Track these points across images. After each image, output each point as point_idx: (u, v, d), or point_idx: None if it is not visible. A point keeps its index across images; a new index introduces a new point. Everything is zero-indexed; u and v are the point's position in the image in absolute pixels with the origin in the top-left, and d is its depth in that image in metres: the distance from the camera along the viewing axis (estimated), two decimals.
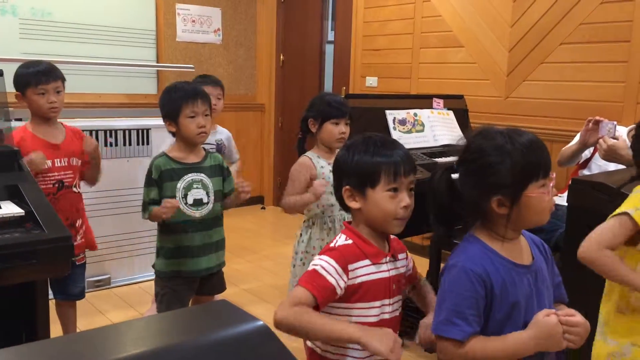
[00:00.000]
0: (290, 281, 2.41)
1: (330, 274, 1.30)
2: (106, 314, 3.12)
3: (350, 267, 1.33)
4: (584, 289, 1.68)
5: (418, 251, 4.19)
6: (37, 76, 2.30)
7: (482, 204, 1.26)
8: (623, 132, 2.61)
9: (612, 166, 2.54)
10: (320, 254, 1.37)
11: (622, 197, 1.65)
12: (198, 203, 2.18)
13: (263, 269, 3.95)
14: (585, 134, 2.64)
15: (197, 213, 2.17)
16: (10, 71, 2.33)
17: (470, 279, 1.23)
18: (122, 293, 3.42)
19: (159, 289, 2.23)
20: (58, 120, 2.49)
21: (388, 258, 1.40)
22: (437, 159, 2.90)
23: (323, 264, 1.31)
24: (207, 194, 2.21)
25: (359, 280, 1.34)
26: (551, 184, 1.26)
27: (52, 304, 2.50)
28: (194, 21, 5.11)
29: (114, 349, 0.68)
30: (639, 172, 1.71)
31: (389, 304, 1.40)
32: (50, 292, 2.49)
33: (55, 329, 2.50)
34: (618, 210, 1.56)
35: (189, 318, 0.80)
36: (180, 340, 0.69)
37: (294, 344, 1.43)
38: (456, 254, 1.30)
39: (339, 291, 1.31)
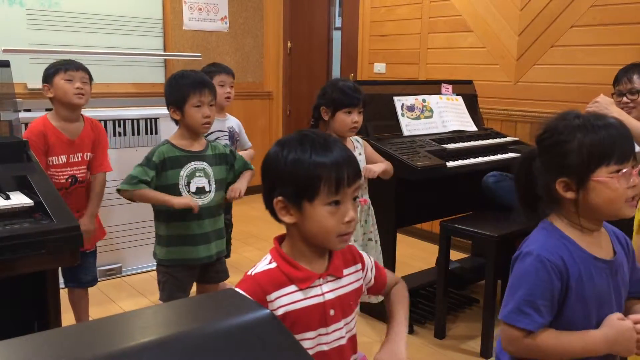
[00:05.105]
0: None
1: None
2: (118, 302, 3.14)
3: (270, 297, 1.15)
4: None
5: (427, 237, 4.18)
6: (66, 65, 2.44)
7: (551, 187, 1.19)
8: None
9: None
10: (237, 284, 1.19)
11: None
12: (200, 191, 2.19)
13: None
14: None
15: (200, 201, 2.18)
16: (18, 61, 2.34)
17: (546, 269, 1.16)
18: (133, 281, 3.45)
19: (160, 276, 2.26)
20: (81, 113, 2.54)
21: (322, 279, 1.19)
22: (446, 145, 2.88)
23: None
24: (209, 182, 2.21)
25: (282, 310, 1.14)
26: (634, 173, 1.15)
27: (64, 292, 2.53)
28: (200, 9, 5.09)
29: (123, 338, 0.68)
30: None
31: (326, 334, 1.19)
32: (62, 280, 2.54)
33: (68, 318, 2.53)
34: None
35: (196, 306, 0.80)
36: (188, 329, 0.69)
37: None
38: (530, 241, 1.23)
39: None
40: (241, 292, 1.10)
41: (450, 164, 2.72)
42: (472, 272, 3.31)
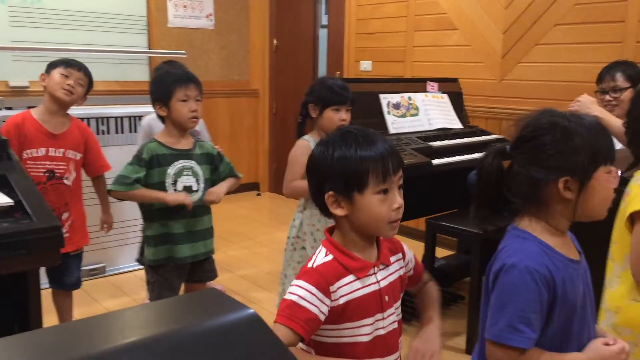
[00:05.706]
0: (283, 266, 2.40)
1: (311, 303, 1.16)
2: (101, 302, 3.11)
3: (332, 287, 1.19)
4: None
5: (413, 235, 4.19)
6: (70, 62, 2.43)
7: (542, 187, 1.16)
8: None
9: None
10: (297, 277, 1.21)
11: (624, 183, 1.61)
12: (187, 190, 2.17)
13: (259, 255, 3.95)
14: None
15: None
16: None
17: (535, 281, 1.12)
18: (116, 281, 3.42)
19: (149, 277, 2.23)
20: (68, 113, 2.51)
21: (376, 268, 1.25)
22: (431, 143, 2.89)
23: (301, 292, 1.17)
24: (197, 181, 2.19)
25: (343, 299, 1.19)
26: (615, 175, 1.16)
27: (48, 293, 2.49)
28: (185, 6, 5.05)
29: (103, 339, 0.67)
30: (637, 161, 1.66)
31: (383, 319, 1.25)
32: (47, 280, 2.50)
33: (51, 319, 2.49)
34: (633, 209, 1.46)
35: (178, 306, 0.79)
36: (169, 329, 0.68)
37: None
38: (511, 252, 1.18)
39: (322, 317, 1.18)
40: (306, 284, 1.18)
41: (435, 161, 2.72)
42: (458, 269, 3.32)
